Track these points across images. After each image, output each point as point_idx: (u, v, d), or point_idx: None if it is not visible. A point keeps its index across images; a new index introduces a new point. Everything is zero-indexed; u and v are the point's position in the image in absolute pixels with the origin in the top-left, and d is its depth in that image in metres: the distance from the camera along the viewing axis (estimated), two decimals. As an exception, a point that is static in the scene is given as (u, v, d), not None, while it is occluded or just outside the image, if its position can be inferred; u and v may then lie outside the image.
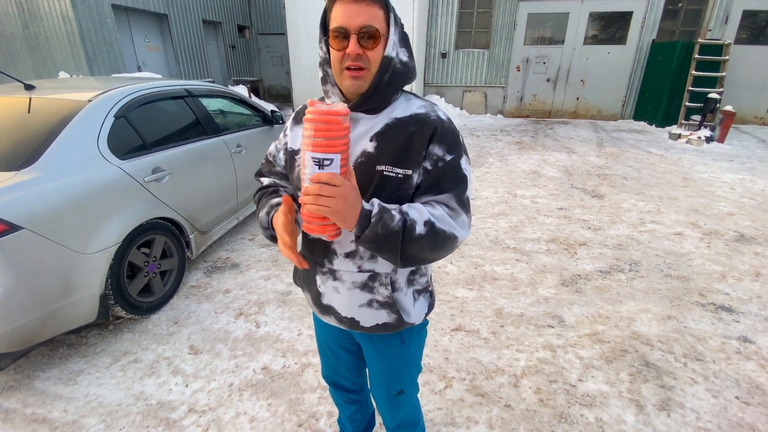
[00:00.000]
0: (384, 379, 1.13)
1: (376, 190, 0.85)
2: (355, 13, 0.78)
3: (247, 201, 3.32)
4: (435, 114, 0.88)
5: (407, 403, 1.20)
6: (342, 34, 0.79)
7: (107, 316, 2.05)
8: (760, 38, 8.58)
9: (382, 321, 0.98)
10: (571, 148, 6.70)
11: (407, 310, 0.99)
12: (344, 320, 1.00)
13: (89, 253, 1.88)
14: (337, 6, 0.80)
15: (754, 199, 4.36)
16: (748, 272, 2.87)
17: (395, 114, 0.88)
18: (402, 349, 1.07)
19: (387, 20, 0.82)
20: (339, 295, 0.97)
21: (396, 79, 0.86)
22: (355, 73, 0.81)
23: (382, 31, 0.81)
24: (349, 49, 0.79)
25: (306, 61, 9.22)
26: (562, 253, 3.12)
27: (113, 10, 7.25)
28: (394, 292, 0.97)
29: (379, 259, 0.93)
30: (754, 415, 1.70)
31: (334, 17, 0.80)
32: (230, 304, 2.44)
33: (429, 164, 0.85)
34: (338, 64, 0.82)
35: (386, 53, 0.82)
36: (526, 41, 9.45)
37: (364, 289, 0.95)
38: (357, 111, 0.88)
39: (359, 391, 1.33)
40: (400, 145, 0.85)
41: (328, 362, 1.24)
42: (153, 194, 2.25)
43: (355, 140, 0.87)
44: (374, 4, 0.80)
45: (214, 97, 3.20)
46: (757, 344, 2.14)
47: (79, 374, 1.90)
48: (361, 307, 0.97)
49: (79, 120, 2.03)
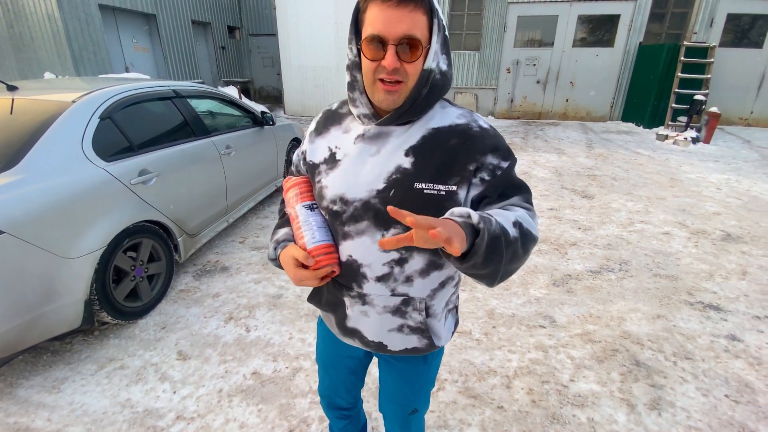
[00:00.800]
0: (401, 399, 1.08)
1: (416, 210, 0.71)
2: (396, 20, 0.68)
3: (237, 203, 3.28)
4: (477, 124, 0.81)
5: (418, 422, 1.16)
6: (378, 43, 0.70)
7: (92, 322, 2.00)
8: (744, 41, 8.76)
9: (411, 346, 0.91)
10: (561, 149, 6.76)
11: (438, 334, 0.93)
12: (370, 344, 0.93)
13: (73, 257, 1.84)
14: (374, 8, 0.70)
15: (739, 199, 4.44)
16: (735, 271, 2.91)
17: (432, 124, 0.80)
18: (424, 369, 1.02)
19: (430, 27, 0.72)
20: (367, 319, 0.90)
21: (434, 92, 0.77)
22: (391, 87, 0.73)
23: (424, 42, 0.71)
24: (385, 61, 0.70)
25: (297, 63, 9.19)
26: (552, 254, 3.13)
27: (100, 10, 7.14)
28: (428, 318, 0.89)
29: (414, 283, 0.85)
30: (744, 413, 1.72)
31: (369, 21, 0.71)
32: (220, 309, 2.40)
33: (486, 174, 0.78)
34: (371, 75, 0.74)
35: (426, 66, 0.73)
36: (516, 43, 9.53)
37: (396, 314, 0.88)
38: (389, 125, 0.80)
39: (353, 408, 1.28)
40: (441, 160, 0.77)
41: (329, 381, 1.17)
42: (139, 197, 2.21)
43: (388, 155, 0.79)
44: (418, 10, 0.69)
45: (203, 98, 3.16)
46: (745, 342, 2.16)
47: (63, 382, 1.85)
48: (390, 332, 0.90)
49: (63, 121, 1.98)
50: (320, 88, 9.29)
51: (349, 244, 0.84)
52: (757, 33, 8.64)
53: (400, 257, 0.82)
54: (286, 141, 4.18)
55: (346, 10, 8.45)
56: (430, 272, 0.85)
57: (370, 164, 0.81)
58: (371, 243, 0.82)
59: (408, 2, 0.68)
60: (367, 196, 0.80)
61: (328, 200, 0.84)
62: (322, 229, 0.85)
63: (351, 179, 0.82)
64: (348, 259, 0.85)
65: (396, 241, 0.60)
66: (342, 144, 0.85)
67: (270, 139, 3.82)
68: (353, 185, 0.81)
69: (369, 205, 0.80)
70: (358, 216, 0.81)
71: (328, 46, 8.86)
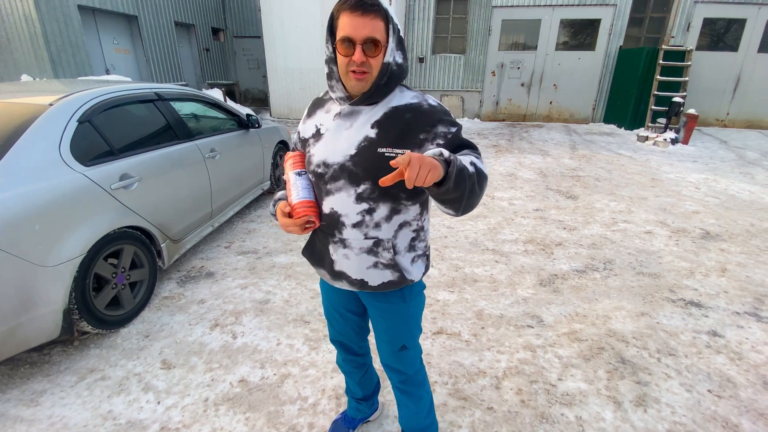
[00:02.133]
0: (388, 335, 1.25)
1: (379, 170, 0.96)
2: (361, 26, 0.91)
3: (223, 207, 3.23)
4: (426, 102, 1.04)
5: (410, 360, 1.29)
6: (349, 43, 0.93)
7: (72, 332, 1.93)
8: (720, 44, 9.05)
9: (387, 279, 1.11)
10: (546, 151, 6.86)
11: (407, 269, 1.13)
12: (355, 282, 1.13)
13: (51, 265, 1.78)
14: (344, 17, 0.92)
15: (717, 198, 4.57)
16: (715, 268, 2.99)
17: (392, 104, 1.03)
18: (404, 306, 1.20)
19: (387, 30, 0.95)
20: (349, 261, 1.11)
21: (392, 80, 1.01)
22: (359, 76, 0.96)
23: (383, 41, 0.95)
24: (354, 57, 0.93)
25: (283, 65, 9.13)
26: (539, 254, 3.17)
27: (79, 11, 6.97)
28: (395, 255, 1.11)
29: (381, 228, 1.07)
30: (726, 407, 1.76)
31: (341, 26, 0.93)
32: (205, 315, 2.36)
33: (440, 140, 0.99)
34: (344, 67, 0.97)
35: (385, 60, 0.96)
36: (500, 47, 9.66)
37: (370, 254, 1.09)
38: (359, 105, 1.03)
39: (365, 355, 1.46)
40: (399, 130, 1.00)
41: (337, 326, 1.36)
42: (121, 202, 2.16)
43: (359, 128, 1.03)
44: (377, 17, 0.92)
45: (187, 100, 3.10)
46: (725, 338, 2.22)
47: (42, 394, 1.78)
48: (368, 269, 1.10)
49: (40, 125, 1.92)
50: (306, 90, 9.25)
51: (330, 199, 1.07)
52: (732, 36, 8.95)
53: (369, 207, 1.05)
54: (272, 144, 4.14)
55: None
56: (392, 217, 1.08)
57: (344, 135, 1.04)
58: (347, 197, 1.05)
59: (369, 12, 0.91)
60: (343, 160, 1.03)
61: (314, 165, 1.09)
62: (306, 189, 1.08)
63: (331, 148, 1.05)
64: (330, 210, 1.08)
65: (392, 177, 0.82)
66: (324, 121, 1.09)
67: (256, 142, 3.78)
68: (333, 152, 1.05)
69: (344, 167, 1.03)
70: (336, 176, 1.04)
71: (314, 48, 8.83)
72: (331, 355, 2.03)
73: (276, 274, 2.81)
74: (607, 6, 8.96)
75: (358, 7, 0.91)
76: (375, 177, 0.99)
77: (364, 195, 1.04)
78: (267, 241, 3.32)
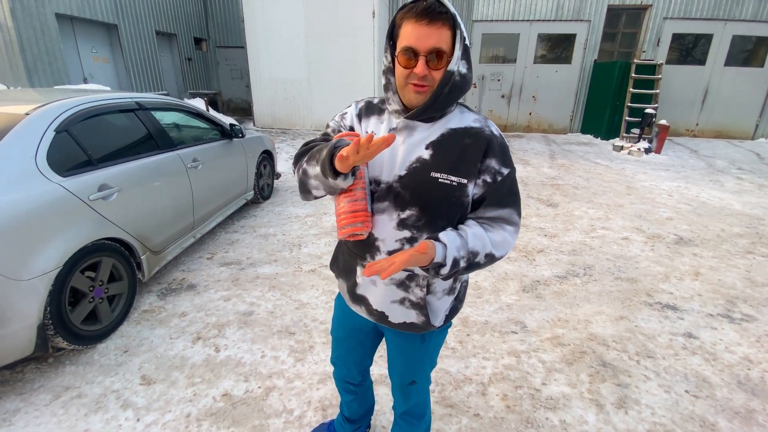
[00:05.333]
0: (399, 370, 1.19)
1: (431, 197, 0.91)
2: (426, 36, 0.82)
3: (205, 218, 3.19)
4: (489, 129, 0.94)
5: (417, 394, 1.24)
6: (411, 54, 0.84)
7: (46, 349, 1.86)
8: (688, 59, 9.51)
9: (410, 320, 1.03)
10: (526, 160, 7.02)
11: (437, 313, 1.03)
12: (374, 312, 1.05)
13: (25, 279, 1.72)
14: (408, 25, 0.83)
15: (689, 205, 4.75)
16: (689, 272, 3.10)
17: (451, 125, 0.93)
18: (421, 347, 1.12)
19: (453, 38, 0.85)
20: (375, 288, 1.02)
21: (455, 91, 0.89)
22: (420, 89, 0.87)
23: (449, 52, 0.85)
24: (416, 69, 0.84)
25: (267, 75, 9.11)
26: (521, 260, 3.22)
27: (57, 19, 6.84)
28: (428, 294, 1.01)
29: None
30: (703, 407, 1.81)
31: (404, 35, 0.84)
32: (187, 328, 2.30)
33: (488, 177, 0.92)
34: (403, 79, 0.88)
35: (449, 68, 0.86)
36: (481, 59, 9.90)
37: (400, 287, 1.00)
38: (416, 119, 0.93)
39: (359, 385, 1.39)
40: (456, 155, 0.90)
41: (338, 352, 1.31)
42: (99, 213, 2.10)
43: (412, 147, 0.93)
44: (445, 26, 0.83)
45: (168, 110, 3.07)
46: (700, 339, 2.30)
47: (15, 414, 1.70)
48: (393, 303, 1.02)
49: (15, 135, 1.87)
50: (290, 100, 9.24)
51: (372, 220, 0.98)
52: (700, 51, 9.42)
53: (410, 236, 0.95)
54: (256, 153, 4.11)
55: (316, 23, 8.51)
56: None
57: (396, 152, 0.94)
58: (389, 221, 0.95)
59: (437, 21, 0.82)
60: (391, 180, 0.93)
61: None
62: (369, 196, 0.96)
63: (385, 165, 0.95)
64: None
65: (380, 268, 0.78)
66: (378, 133, 0.98)
67: (239, 152, 3.75)
68: (384, 170, 0.95)
69: (391, 188, 0.93)
70: (382, 196, 0.95)
71: (298, 59, 8.86)
72: (317, 367, 2.01)
73: (260, 285, 2.78)
74: (581, 22, 9.31)
75: (425, 15, 0.81)
76: (423, 203, 0.91)
77: (408, 222, 0.94)
78: (250, 252, 3.28)
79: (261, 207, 4.37)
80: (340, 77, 8.75)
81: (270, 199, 4.63)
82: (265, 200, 4.53)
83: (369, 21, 8.23)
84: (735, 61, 9.32)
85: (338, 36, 8.47)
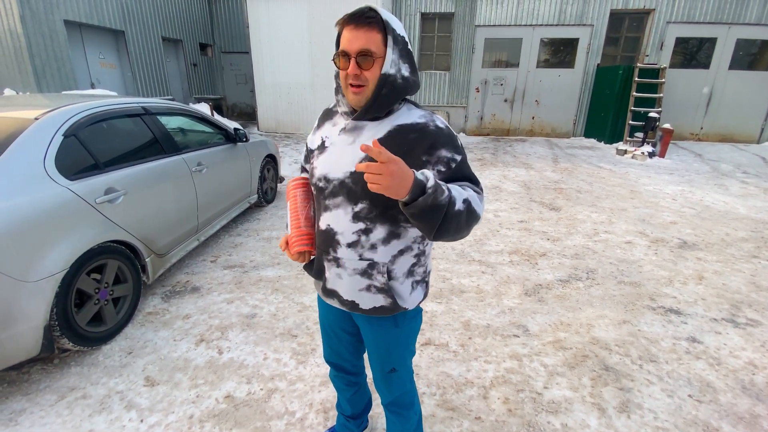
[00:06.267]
0: (378, 357, 1.22)
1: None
2: (355, 38, 0.91)
3: (209, 221, 3.21)
4: (433, 123, 0.99)
5: (399, 383, 1.26)
6: (345, 56, 0.93)
7: (52, 350, 1.89)
8: (692, 62, 9.48)
9: (379, 304, 1.08)
10: (529, 164, 7.02)
11: (402, 296, 1.09)
12: (346, 303, 1.10)
13: (32, 280, 1.74)
14: (344, 31, 0.93)
15: (693, 209, 4.73)
16: (692, 276, 3.08)
17: (398, 122, 0.99)
18: (396, 331, 1.16)
19: (385, 42, 0.93)
20: (341, 281, 1.08)
21: (395, 93, 0.96)
22: (356, 89, 0.95)
23: (378, 53, 0.92)
24: (348, 70, 0.93)
25: (270, 80, 9.19)
26: (524, 264, 3.22)
27: (66, 26, 6.95)
28: (390, 281, 1.06)
29: (377, 250, 1.03)
30: (707, 412, 1.80)
31: (341, 40, 0.94)
32: (190, 330, 2.32)
33: (442, 166, 0.96)
34: (344, 81, 0.96)
35: (383, 71, 0.93)
36: (484, 64, 9.93)
37: (364, 276, 1.05)
38: (362, 120, 1.00)
39: (358, 374, 1.43)
40: (402, 150, 0.93)
41: (330, 344, 1.34)
42: (105, 216, 2.14)
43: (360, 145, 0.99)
44: (372, 29, 0.91)
45: (174, 114, 3.11)
46: (704, 344, 2.28)
47: (20, 414, 1.73)
48: (360, 291, 1.07)
49: (24, 139, 1.91)
50: (294, 105, 9.31)
51: (328, 215, 1.05)
52: (704, 55, 9.38)
53: (365, 227, 1.01)
54: (260, 157, 4.15)
55: (319, 29, 8.58)
56: (390, 240, 1.03)
57: (347, 151, 1.01)
58: (344, 215, 1.02)
59: (363, 25, 0.91)
60: (343, 176, 1.00)
61: (316, 178, 1.07)
62: (301, 214, 1.12)
63: (333, 163, 1.03)
64: (326, 227, 1.06)
65: (365, 165, 0.80)
66: (330, 134, 1.07)
67: (243, 156, 3.79)
68: (334, 167, 1.03)
69: (344, 184, 1.00)
70: (335, 192, 1.02)
71: (302, 63, 8.93)
72: (318, 369, 2.02)
73: (263, 287, 2.80)
74: (584, 26, 9.33)
75: (353, 20, 0.91)
76: (373, 196, 0.96)
77: (361, 214, 1.00)
78: (254, 255, 3.30)
79: (264, 210, 4.40)
80: (343, 82, 8.78)
81: (273, 202, 4.66)
82: (269, 204, 4.56)
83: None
84: (739, 64, 9.27)
85: (342, 41, 8.52)
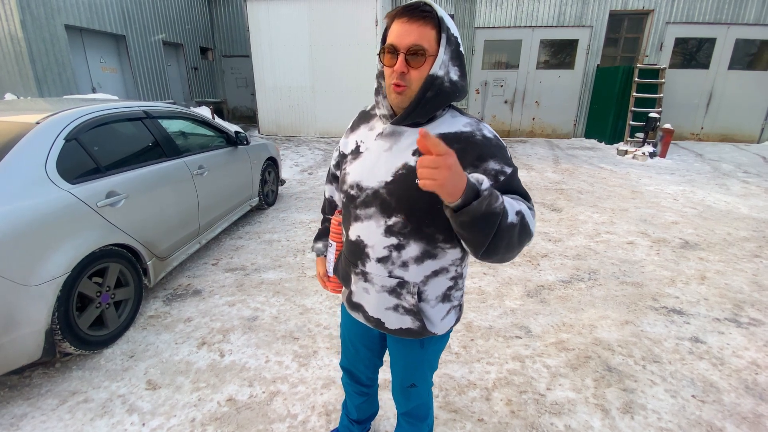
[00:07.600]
0: (399, 373, 1.19)
1: (417, 205, 0.88)
2: (406, 33, 0.82)
3: (210, 224, 3.22)
4: (481, 133, 0.89)
5: (417, 396, 1.24)
6: (392, 52, 0.84)
7: (54, 354, 1.88)
8: (692, 62, 9.48)
9: (405, 326, 1.01)
10: (530, 165, 7.02)
11: (432, 320, 1.01)
12: (371, 319, 1.05)
13: (34, 284, 1.75)
14: (394, 24, 0.84)
15: (695, 209, 4.72)
16: (695, 276, 3.07)
17: (440, 130, 0.89)
18: (420, 352, 1.11)
19: (438, 39, 0.84)
20: (368, 296, 1.02)
21: (441, 97, 0.87)
22: (399, 89, 0.86)
23: (430, 51, 0.83)
24: (396, 67, 0.83)
25: (271, 84, 9.22)
26: (525, 265, 3.22)
27: (66, 31, 6.98)
28: (420, 302, 0.99)
29: (409, 268, 0.95)
30: (710, 412, 1.79)
31: (390, 34, 0.85)
32: (192, 334, 2.32)
33: (491, 179, 0.85)
34: (388, 79, 0.87)
35: (432, 72, 0.84)
36: (484, 66, 9.94)
37: (392, 294, 0.99)
38: (401, 124, 0.91)
39: (370, 386, 1.40)
40: None
41: (348, 355, 1.31)
42: (107, 219, 2.14)
43: (398, 153, 0.91)
44: (427, 24, 0.82)
45: (175, 118, 3.12)
46: (707, 344, 2.27)
47: (22, 419, 1.72)
48: (387, 310, 1.01)
49: (26, 143, 1.91)
50: (295, 108, 9.34)
51: (358, 226, 0.98)
52: (703, 55, 9.39)
53: (398, 243, 0.94)
54: (261, 160, 4.16)
55: (319, 32, 8.61)
56: (424, 260, 0.95)
57: (383, 159, 0.93)
58: (376, 227, 0.95)
59: (418, 19, 0.82)
60: (377, 186, 0.93)
61: (347, 185, 1.00)
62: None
63: (367, 170, 0.95)
64: (356, 238, 0.99)
65: (420, 160, 0.68)
66: (366, 139, 1.00)
67: (244, 159, 3.79)
68: (368, 175, 0.95)
69: (377, 194, 0.93)
70: (368, 202, 0.95)
71: (302, 66, 8.96)
72: (320, 372, 2.02)
73: (264, 290, 2.79)
74: (583, 27, 9.34)
75: (405, 13, 0.82)
76: (409, 211, 0.89)
77: (394, 228, 0.92)
78: (255, 258, 3.30)
79: (265, 213, 4.40)
80: (343, 85, 8.84)
81: (274, 205, 4.67)
82: (270, 206, 4.56)
83: (372, 29, 8.32)
84: (739, 64, 9.28)
85: (342, 44, 8.57)
